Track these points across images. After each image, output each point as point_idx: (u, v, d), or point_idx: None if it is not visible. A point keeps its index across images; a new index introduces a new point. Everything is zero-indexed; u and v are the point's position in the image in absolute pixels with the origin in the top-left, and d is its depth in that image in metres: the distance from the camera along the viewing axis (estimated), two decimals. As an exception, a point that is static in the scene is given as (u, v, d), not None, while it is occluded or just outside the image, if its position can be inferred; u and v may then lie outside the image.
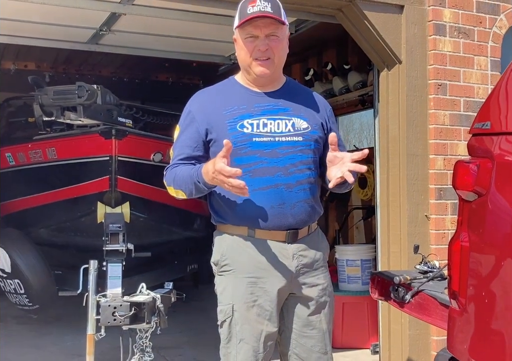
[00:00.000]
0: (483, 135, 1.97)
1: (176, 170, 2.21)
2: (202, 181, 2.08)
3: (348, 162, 2.05)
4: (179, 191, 2.20)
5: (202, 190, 2.14)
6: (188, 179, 2.14)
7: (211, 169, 2.01)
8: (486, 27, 4.01)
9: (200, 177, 2.08)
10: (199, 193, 2.17)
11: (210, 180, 2.03)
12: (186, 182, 2.15)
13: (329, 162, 2.12)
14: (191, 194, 2.17)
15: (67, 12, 4.29)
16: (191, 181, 2.13)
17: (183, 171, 2.18)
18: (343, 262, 4.69)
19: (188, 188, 2.15)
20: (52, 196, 5.17)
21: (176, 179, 2.19)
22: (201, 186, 2.10)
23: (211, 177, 2.02)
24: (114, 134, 4.68)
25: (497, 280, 1.83)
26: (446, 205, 3.83)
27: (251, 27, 2.16)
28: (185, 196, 2.20)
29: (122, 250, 3.99)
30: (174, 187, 2.21)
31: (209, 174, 2.03)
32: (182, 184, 2.17)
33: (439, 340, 3.72)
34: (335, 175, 2.07)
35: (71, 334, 4.95)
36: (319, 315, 2.26)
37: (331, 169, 2.11)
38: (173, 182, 2.21)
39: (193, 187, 2.13)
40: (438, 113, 3.86)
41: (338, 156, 2.10)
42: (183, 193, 2.19)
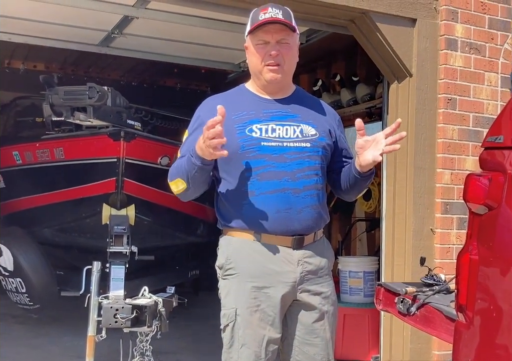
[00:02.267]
0: (495, 149, 1.97)
1: (176, 163, 2.23)
2: (194, 155, 2.07)
3: (383, 139, 2.10)
4: (178, 180, 2.18)
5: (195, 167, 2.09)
6: (184, 161, 2.14)
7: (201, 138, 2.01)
8: (498, 44, 4.02)
9: (193, 150, 2.08)
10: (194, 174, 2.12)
11: (200, 148, 2.01)
12: (182, 165, 2.15)
13: (360, 148, 2.13)
14: (188, 177, 2.14)
15: (80, 13, 4.32)
16: (186, 162, 2.13)
17: (182, 160, 2.19)
18: (346, 274, 4.67)
19: (184, 170, 2.14)
20: (58, 196, 5.17)
21: (174, 169, 2.20)
22: (193, 160, 2.08)
23: (201, 143, 2.00)
24: (123, 136, 4.68)
25: (505, 294, 1.82)
26: (452, 219, 3.83)
27: (262, 33, 2.19)
28: (184, 184, 2.17)
29: (126, 253, 4.00)
30: (174, 178, 2.20)
31: (199, 142, 2.02)
32: (179, 170, 2.17)
33: (440, 355, 3.70)
34: (372, 155, 2.10)
35: (71, 335, 4.93)
36: (324, 323, 2.25)
37: (364, 154, 2.13)
38: (173, 174, 2.21)
39: (187, 167, 2.12)
40: (447, 127, 3.87)
41: (369, 139, 2.12)
42: (182, 180, 2.17)
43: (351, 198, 2.47)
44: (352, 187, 2.30)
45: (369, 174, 2.22)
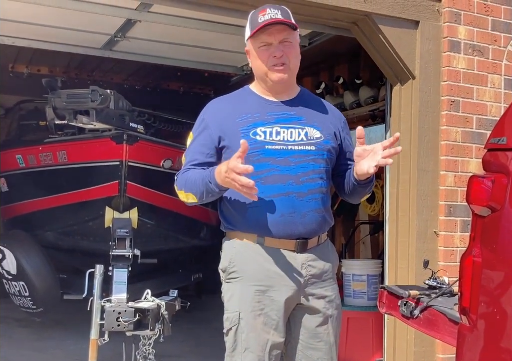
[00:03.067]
0: (499, 150, 1.96)
1: (187, 173, 2.20)
2: (213, 182, 2.07)
3: (380, 150, 2.07)
4: (189, 194, 2.19)
5: (212, 192, 2.12)
6: (200, 181, 2.13)
7: (224, 168, 2.00)
8: (501, 46, 4.01)
9: (212, 177, 2.07)
10: (209, 196, 2.15)
11: (222, 180, 2.02)
12: (197, 184, 2.14)
13: (358, 157, 2.12)
14: (202, 197, 2.15)
15: (82, 17, 4.32)
16: (202, 183, 2.12)
17: (195, 174, 2.17)
18: (350, 277, 4.65)
19: (199, 190, 2.14)
20: (61, 199, 5.17)
21: (187, 182, 2.18)
22: (212, 187, 2.08)
23: (223, 176, 2.00)
24: (125, 139, 4.68)
25: (509, 297, 1.81)
26: (456, 222, 3.81)
27: (264, 35, 2.18)
28: (196, 199, 2.18)
29: (128, 256, 3.99)
30: (185, 191, 2.20)
31: (221, 174, 2.01)
32: (193, 187, 2.16)
33: (444, 358, 3.68)
34: (369, 166, 2.07)
35: (74, 338, 4.93)
36: (327, 327, 2.24)
37: (361, 163, 2.11)
38: (184, 186, 2.20)
39: (204, 188, 2.12)
40: (450, 130, 3.85)
41: (368, 149, 2.10)
42: (194, 196, 2.18)
43: (355, 201, 2.45)
44: (353, 192, 2.29)
45: (368, 182, 2.20)
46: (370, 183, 2.22)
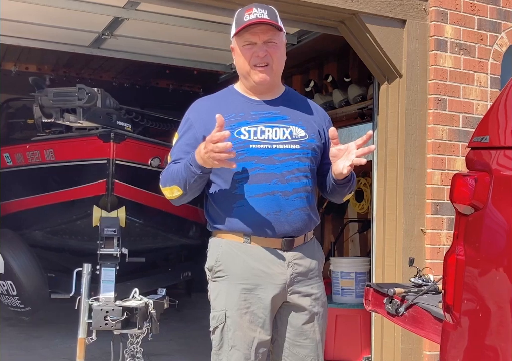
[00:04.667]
0: (482, 149, 1.97)
1: (170, 168, 2.21)
2: (194, 164, 2.06)
3: (354, 150, 2.07)
4: (174, 186, 2.17)
5: (195, 176, 2.09)
6: (182, 169, 2.13)
7: (202, 146, 2.01)
8: (487, 44, 4.03)
9: (193, 159, 2.07)
10: (193, 183, 2.12)
11: (202, 157, 2.01)
12: (179, 173, 2.13)
13: (333, 157, 2.13)
14: (186, 185, 2.13)
15: (70, 15, 4.31)
16: (184, 169, 2.11)
17: (177, 166, 2.17)
18: (338, 275, 4.67)
19: (182, 178, 2.12)
20: (48, 198, 5.15)
21: (171, 175, 2.18)
22: (193, 169, 2.07)
23: (203, 153, 2.00)
24: (112, 137, 4.67)
25: (492, 295, 1.82)
26: (442, 220, 3.83)
27: (248, 34, 2.18)
28: (181, 190, 2.16)
29: (116, 255, 3.98)
30: (169, 184, 2.18)
31: (201, 152, 2.02)
32: (176, 177, 2.15)
33: (431, 355, 3.70)
34: (343, 166, 2.08)
35: (62, 338, 4.92)
36: (313, 325, 2.25)
37: (336, 163, 2.12)
38: (168, 180, 2.19)
39: (186, 175, 2.11)
40: (437, 128, 3.87)
41: (342, 149, 2.10)
42: (178, 187, 2.16)
43: (338, 201, 2.45)
44: (333, 192, 2.30)
45: (346, 182, 2.21)
46: (348, 183, 2.23)
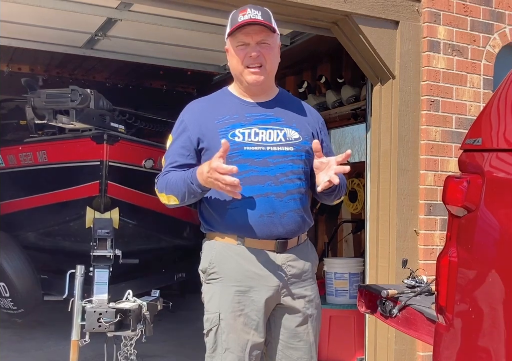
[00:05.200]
0: (474, 151, 1.98)
1: (168, 176, 2.20)
2: (195, 183, 2.07)
3: (334, 165, 2.09)
4: (170, 196, 2.19)
5: (195, 193, 2.12)
6: (181, 182, 2.13)
7: (206, 168, 2.01)
8: (480, 46, 4.05)
9: (194, 178, 2.07)
10: (191, 197, 2.15)
11: (205, 180, 2.03)
12: (178, 186, 2.14)
13: (316, 169, 2.15)
14: (183, 198, 2.15)
15: (63, 15, 4.31)
16: (184, 184, 2.12)
17: (175, 176, 2.17)
18: (332, 275, 4.67)
19: (181, 191, 2.14)
20: (41, 200, 5.14)
21: (168, 184, 2.18)
22: (194, 187, 2.09)
23: (205, 177, 2.01)
24: (106, 139, 4.66)
25: (484, 296, 1.83)
26: (435, 221, 3.84)
27: (242, 35, 2.19)
28: (177, 201, 2.18)
29: (110, 256, 3.97)
30: (166, 193, 2.20)
31: (203, 174, 2.02)
32: (174, 189, 2.16)
33: (424, 356, 3.71)
34: (322, 180, 2.10)
35: (55, 339, 4.91)
36: (307, 327, 2.25)
37: (318, 175, 2.14)
38: (165, 188, 2.19)
39: (185, 190, 2.12)
40: (430, 129, 3.88)
41: (324, 162, 2.13)
42: (175, 198, 2.18)
43: (330, 204, 2.47)
44: (321, 198, 2.33)
45: (330, 192, 2.22)
46: (333, 193, 2.24)
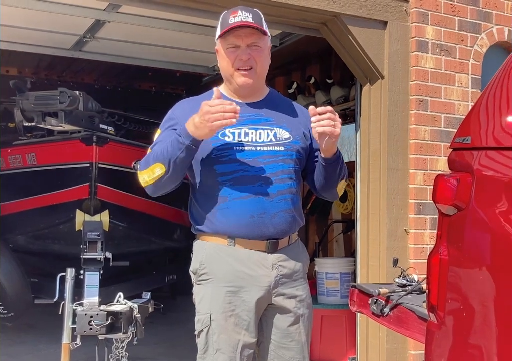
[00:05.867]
0: (464, 150, 1.98)
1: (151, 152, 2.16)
2: (184, 133, 2.04)
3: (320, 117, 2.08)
4: (155, 165, 2.10)
5: (182, 148, 2.05)
6: (168, 144, 2.08)
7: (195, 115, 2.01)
8: (468, 45, 4.07)
9: (183, 130, 2.04)
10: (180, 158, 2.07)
11: (197, 122, 2.00)
12: (164, 150, 2.09)
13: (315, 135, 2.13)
14: (170, 160, 2.07)
15: (50, 17, 4.28)
16: (170, 144, 2.07)
17: (160, 145, 2.13)
18: (323, 275, 4.68)
19: (167, 153, 2.07)
20: (31, 203, 5.11)
21: (153, 155, 2.12)
22: (182, 140, 2.04)
23: (197, 120, 2.00)
24: (95, 141, 4.64)
25: (475, 294, 1.84)
26: (425, 219, 3.86)
27: (233, 37, 2.18)
28: (163, 169, 2.09)
29: (100, 259, 3.96)
30: (151, 164, 2.12)
31: (194, 120, 2.01)
32: (160, 154, 2.09)
33: (416, 355, 3.73)
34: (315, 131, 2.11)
35: (46, 343, 4.87)
36: (298, 327, 2.25)
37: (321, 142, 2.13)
38: (149, 161, 2.13)
39: (172, 148, 2.06)
40: (419, 129, 3.90)
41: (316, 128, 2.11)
42: (161, 165, 2.09)
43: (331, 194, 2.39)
44: (325, 180, 2.27)
45: (336, 159, 2.20)
46: (338, 160, 2.21)
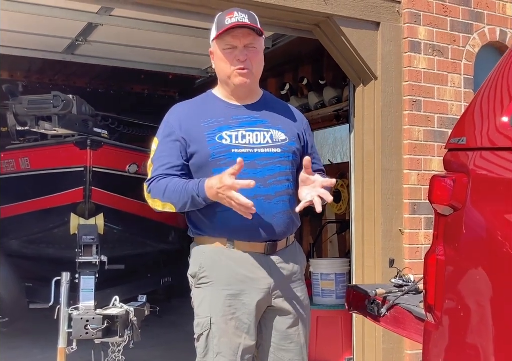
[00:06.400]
0: (459, 150, 2.00)
1: (165, 181, 2.16)
2: (202, 196, 2.06)
3: (319, 187, 2.10)
4: (167, 204, 2.15)
5: (198, 205, 2.11)
6: (183, 192, 2.11)
7: (216, 183, 2.00)
8: (460, 45, 4.09)
9: (201, 190, 2.06)
10: (193, 207, 2.14)
11: (214, 195, 2.02)
12: (180, 195, 2.11)
13: (302, 182, 2.16)
14: (183, 207, 2.14)
15: (43, 21, 4.27)
16: (186, 195, 2.10)
17: (176, 184, 2.14)
18: (318, 276, 4.68)
19: (182, 201, 2.11)
20: (25, 207, 5.09)
21: (166, 191, 2.14)
22: (199, 200, 2.08)
23: (215, 192, 2.01)
24: (89, 144, 4.64)
25: (472, 294, 1.85)
26: (420, 219, 3.88)
27: (229, 37, 2.18)
28: (174, 209, 2.16)
29: (95, 263, 3.95)
30: (162, 200, 2.16)
31: (213, 189, 2.02)
32: (174, 197, 2.13)
33: (412, 354, 3.74)
34: (304, 197, 2.11)
35: (42, 348, 4.85)
36: (298, 328, 2.25)
37: (302, 189, 2.15)
38: (162, 195, 2.15)
39: (188, 200, 2.10)
40: (412, 129, 3.91)
41: (311, 179, 2.14)
42: (172, 206, 2.15)
43: None
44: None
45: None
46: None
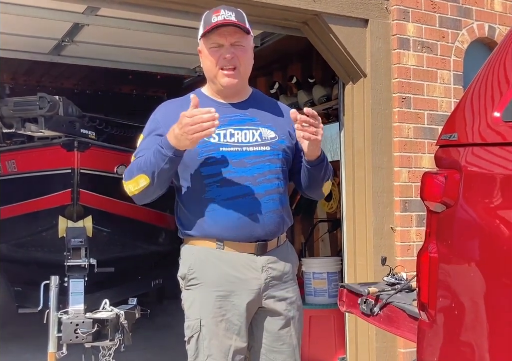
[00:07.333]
0: (450, 147, 1.98)
1: (135, 161, 2.13)
2: (166, 145, 2.00)
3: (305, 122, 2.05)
4: (140, 176, 2.07)
5: (165, 159, 2.02)
6: (150, 155, 2.05)
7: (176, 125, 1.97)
8: (449, 42, 4.08)
9: (165, 141, 2.01)
10: (163, 168, 2.04)
11: (177, 134, 1.97)
12: (147, 161, 2.06)
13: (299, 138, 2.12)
14: (154, 172, 2.04)
15: (28, 22, 4.22)
16: (153, 155, 2.04)
17: (143, 156, 2.10)
18: (310, 275, 4.66)
19: (150, 164, 2.04)
20: (12, 210, 5.04)
21: (137, 166, 2.09)
22: (164, 151, 2.00)
23: (178, 131, 1.96)
24: (76, 146, 4.60)
25: (465, 291, 1.83)
26: (411, 217, 3.86)
27: (216, 36, 2.15)
28: (147, 180, 2.06)
29: (84, 266, 3.92)
30: (135, 175, 2.09)
31: (175, 130, 1.97)
32: (143, 165, 2.06)
33: (405, 353, 3.72)
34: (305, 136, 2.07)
35: (32, 352, 4.80)
36: (290, 329, 2.22)
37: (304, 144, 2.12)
38: (133, 171, 2.09)
39: (155, 159, 2.03)
40: (402, 126, 3.90)
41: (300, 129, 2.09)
42: (145, 176, 2.06)
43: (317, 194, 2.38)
44: (310, 181, 2.25)
45: (319, 162, 2.18)
46: (322, 163, 2.19)
